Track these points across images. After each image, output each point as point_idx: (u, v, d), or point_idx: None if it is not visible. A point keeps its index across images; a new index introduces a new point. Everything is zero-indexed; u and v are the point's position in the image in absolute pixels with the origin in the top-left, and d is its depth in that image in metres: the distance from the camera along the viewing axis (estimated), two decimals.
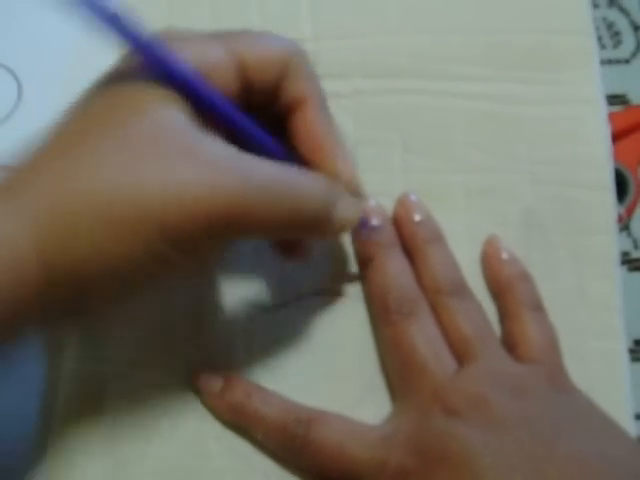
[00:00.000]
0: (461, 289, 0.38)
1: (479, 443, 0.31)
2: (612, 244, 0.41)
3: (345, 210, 0.33)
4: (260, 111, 0.32)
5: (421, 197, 0.40)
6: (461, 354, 0.36)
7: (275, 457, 0.36)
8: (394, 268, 0.38)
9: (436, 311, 0.37)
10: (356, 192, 0.34)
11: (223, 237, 0.30)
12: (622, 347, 0.39)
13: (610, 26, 0.50)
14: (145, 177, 0.27)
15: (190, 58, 0.29)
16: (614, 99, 0.47)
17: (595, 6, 0.49)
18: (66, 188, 0.27)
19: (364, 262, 0.39)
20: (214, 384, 0.37)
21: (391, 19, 0.45)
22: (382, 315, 0.37)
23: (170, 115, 0.28)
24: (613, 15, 0.50)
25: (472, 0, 0.45)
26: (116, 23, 0.28)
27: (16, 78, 0.46)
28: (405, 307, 0.36)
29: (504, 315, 0.39)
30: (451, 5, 0.45)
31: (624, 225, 0.45)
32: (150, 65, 0.29)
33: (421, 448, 0.32)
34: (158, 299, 0.39)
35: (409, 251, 0.39)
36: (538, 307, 0.38)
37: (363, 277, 0.39)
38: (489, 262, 0.40)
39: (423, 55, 0.44)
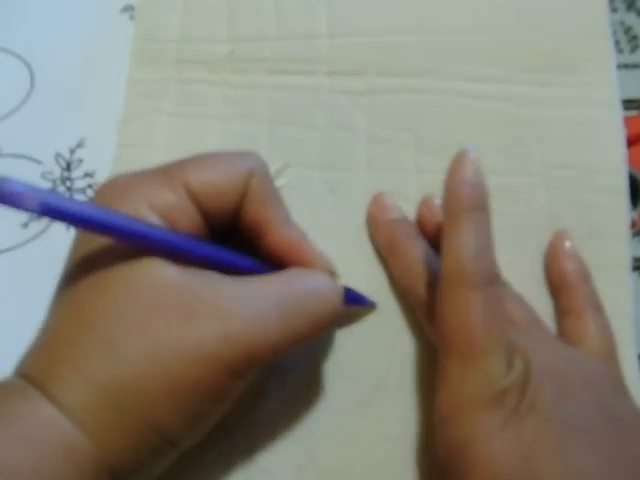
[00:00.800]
0: (502, 281, 0.38)
1: (559, 409, 0.31)
2: (624, 250, 0.40)
3: (342, 295, 0.33)
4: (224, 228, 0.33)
5: (434, 196, 0.40)
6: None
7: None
8: (425, 256, 0.37)
9: None
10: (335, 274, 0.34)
11: (252, 370, 0.30)
12: (633, 352, 0.38)
13: (628, 30, 0.49)
14: (159, 348, 0.27)
15: (141, 208, 0.29)
16: (630, 103, 0.47)
17: (613, 10, 0.48)
18: (93, 380, 0.27)
19: (390, 254, 0.39)
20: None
21: (407, 18, 0.45)
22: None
23: (161, 271, 0.28)
24: (631, 19, 0.49)
25: (489, 1, 0.45)
26: (54, 210, 0.26)
27: (29, 68, 0.46)
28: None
29: (566, 312, 0.38)
30: (468, 5, 0.45)
31: (636, 231, 0.44)
32: (115, 237, 0.28)
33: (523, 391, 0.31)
34: None
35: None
36: (600, 307, 0.38)
37: (389, 270, 0.40)
38: (555, 256, 0.40)
39: (438, 55, 0.44)
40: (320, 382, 0.37)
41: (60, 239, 0.41)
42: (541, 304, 0.39)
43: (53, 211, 0.26)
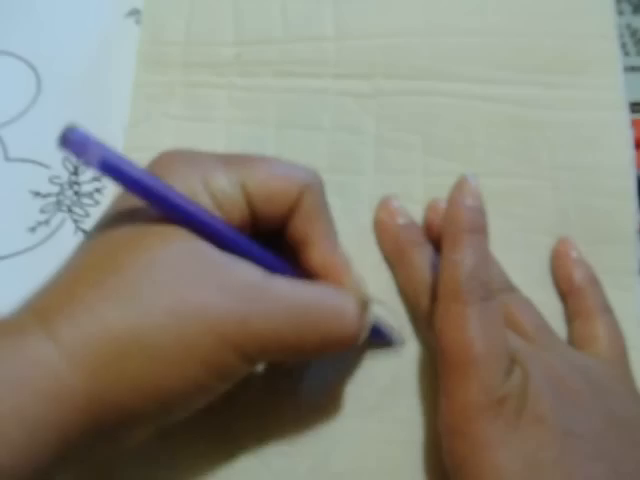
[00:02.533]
0: (511, 285, 0.38)
1: (561, 415, 0.31)
2: (632, 253, 0.40)
3: (366, 325, 0.33)
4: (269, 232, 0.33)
5: (441, 200, 0.40)
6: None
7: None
8: (431, 263, 0.37)
9: None
10: (367, 305, 0.33)
11: (260, 361, 0.30)
12: None
13: (634, 33, 0.49)
14: (184, 313, 0.27)
15: (196, 187, 0.30)
16: (636, 106, 0.46)
17: (619, 13, 0.48)
18: (110, 327, 0.26)
19: (395, 260, 0.39)
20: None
21: (414, 20, 0.45)
22: (428, 305, 0.36)
23: (197, 243, 0.29)
24: (637, 22, 0.49)
25: (496, 3, 0.45)
26: (113, 169, 0.27)
27: (35, 72, 0.46)
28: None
29: (576, 315, 0.39)
30: (475, 7, 0.45)
31: None
32: (162, 210, 0.29)
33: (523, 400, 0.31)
34: None
35: None
36: (610, 310, 0.38)
37: (395, 276, 0.40)
38: (561, 261, 0.40)
39: (446, 57, 0.44)
40: (331, 386, 0.37)
41: (67, 244, 0.41)
42: (550, 306, 0.39)
43: (110, 170, 0.27)
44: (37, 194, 0.42)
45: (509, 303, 0.37)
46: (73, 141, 0.27)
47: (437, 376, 0.36)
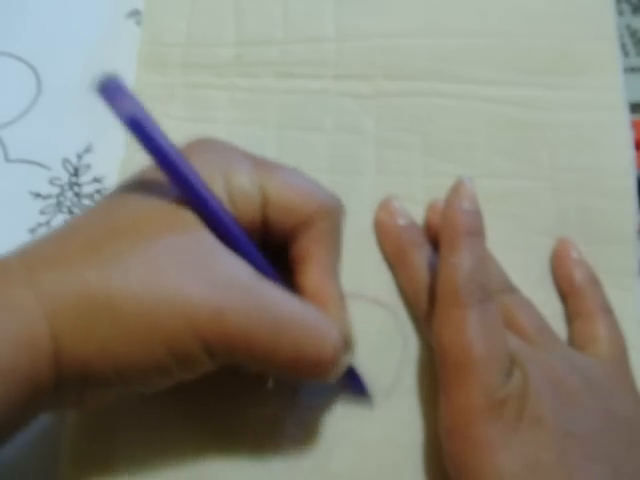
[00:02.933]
0: (511, 286, 0.38)
1: (561, 416, 0.31)
2: (632, 254, 0.40)
3: (342, 363, 0.32)
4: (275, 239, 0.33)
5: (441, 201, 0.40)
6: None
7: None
8: (432, 265, 0.37)
9: None
10: (350, 344, 0.33)
11: (224, 360, 0.29)
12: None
13: (634, 34, 0.49)
14: (162, 292, 0.27)
15: (215, 176, 0.30)
16: (636, 107, 0.46)
17: (619, 14, 0.49)
18: (90, 286, 0.27)
19: (396, 261, 0.39)
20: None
21: (415, 21, 0.45)
22: (428, 307, 0.36)
23: (200, 234, 0.29)
24: (637, 23, 0.50)
25: (496, 4, 0.45)
26: (139, 127, 0.28)
27: (35, 72, 0.46)
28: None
29: (575, 315, 0.39)
30: (475, 9, 0.45)
31: None
32: (174, 183, 0.29)
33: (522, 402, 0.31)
34: None
35: None
36: (610, 310, 0.38)
37: (396, 278, 0.40)
38: (561, 262, 0.40)
39: (446, 58, 0.44)
40: (331, 386, 0.37)
41: None
42: (550, 307, 0.39)
43: (136, 127, 0.28)
44: (37, 195, 0.42)
45: (509, 304, 0.37)
46: (109, 88, 0.27)
47: (437, 377, 0.36)
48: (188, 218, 0.29)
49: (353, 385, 0.36)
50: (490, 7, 0.45)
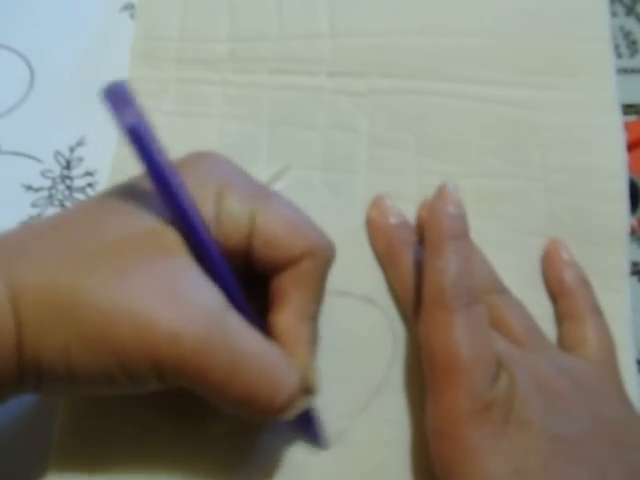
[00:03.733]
0: (502, 287, 0.38)
1: (547, 420, 0.31)
2: (622, 256, 0.40)
3: (297, 407, 0.31)
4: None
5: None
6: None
7: None
8: (419, 262, 0.37)
9: None
10: (310, 390, 0.32)
11: (175, 384, 0.29)
12: (631, 358, 0.39)
13: (627, 35, 0.49)
14: (124, 307, 0.27)
15: (207, 196, 0.30)
16: (629, 108, 0.47)
17: (613, 15, 0.49)
18: (58, 284, 0.27)
19: (386, 260, 0.39)
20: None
21: (410, 19, 0.45)
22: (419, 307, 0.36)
23: (177, 259, 0.29)
24: (630, 24, 0.50)
25: (490, 4, 0.45)
26: (137, 137, 0.28)
27: (28, 64, 0.46)
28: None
29: (565, 316, 0.39)
30: (469, 8, 0.45)
31: (636, 236, 0.44)
32: (162, 199, 0.29)
33: (508, 405, 0.31)
34: None
35: None
36: (599, 312, 0.38)
37: (386, 277, 0.40)
38: (551, 263, 0.40)
39: (440, 57, 0.44)
40: (320, 385, 0.37)
41: None
42: (541, 308, 0.39)
43: (134, 139, 0.28)
44: (29, 188, 0.42)
45: (499, 305, 0.37)
46: (114, 94, 0.27)
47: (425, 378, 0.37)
48: (170, 239, 0.29)
49: (307, 428, 0.36)
50: (485, 7, 0.45)
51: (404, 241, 0.39)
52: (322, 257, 0.32)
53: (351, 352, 0.38)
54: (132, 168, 0.41)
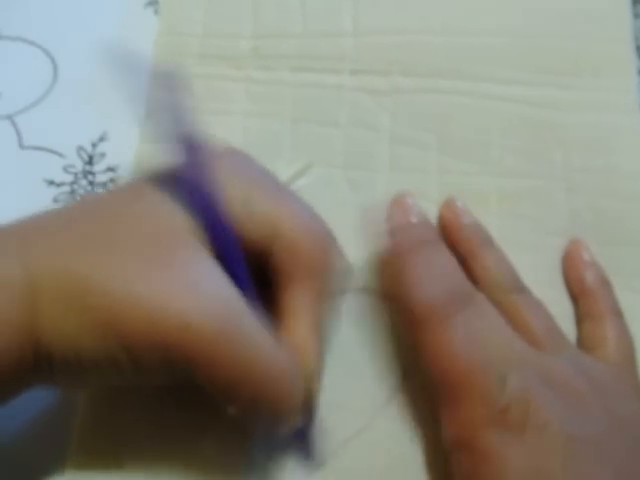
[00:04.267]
0: (522, 286, 0.38)
1: (565, 420, 0.31)
2: None
3: (297, 417, 0.31)
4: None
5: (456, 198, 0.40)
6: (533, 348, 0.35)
7: None
8: (441, 261, 0.37)
9: (501, 309, 0.36)
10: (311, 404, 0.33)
11: (182, 374, 0.29)
12: None
13: None
14: (135, 292, 0.27)
15: (237, 195, 0.30)
16: None
17: (635, 16, 0.48)
18: (72, 272, 0.27)
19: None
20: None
21: (432, 18, 0.45)
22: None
23: (197, 254, 0.29)
24: None
25: (513, 3, 0.45)
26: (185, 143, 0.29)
27: (52, 59, 0.46)
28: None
29: (585, 317, 0.39)
30: (492, 7, 0.45)
31: None
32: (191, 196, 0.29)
33: (526, 407, 0.31)
34: None
35: (461, 255, 0.38)
36: (620, 313, 0.38)
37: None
38: (572, 262, 0.40)
39: (462, 56, 0.44)
40: (341, 383, 0.37)
41: None
42: (561, 307, 0.39)
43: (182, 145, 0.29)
44: (51, 183, 0.42)
45: (519, 304, 0.37)
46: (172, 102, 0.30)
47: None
48: (189, 233, 0.29)
49: (303, 445, 0.35)
50: (508, 7, 0.45)
51: (423, 239, 0.39)
52: (338, 270, 0.33)
53: (371, 349, 0.38)
54: (153, 164, 0.42)
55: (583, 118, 0.43)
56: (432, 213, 0.41)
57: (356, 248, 0.39)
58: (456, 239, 0.39)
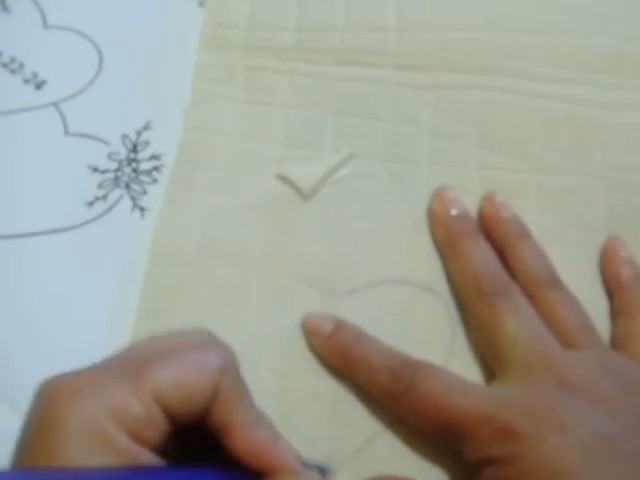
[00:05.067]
0: (558, 281, 0.38)
1: (597, 420, 0.31)
2: None
3: None
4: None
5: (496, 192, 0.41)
6: (565, 344, 0.35)
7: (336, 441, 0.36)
8: (481, 253, 0.38)
9: (535, 303, 0.37)
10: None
11: None
12: None
13: None
14: None
15: (105, 425, 0.26)
16: None
17: None
18: None
19: (446, 251, 0.40)
20: (325, 326, 0.37)
21: (476, 15, 0.46)
22: (476, 298, 0.37)
23: None
24: None
25: (557, 1, 0.46)
26: None
27: (97, 47, 0.46)
28: (500, 289, 0.37)
29: (620, 313, 0.39)
30: (536, 5, 0.46)
31: None
32: None
33: (534, 412, 0.31)
34: None
35: (499, 248, 0.39)
36: None
37: (445, 266, 0.40)
38: (610, 259, 0.40)
39: (505, 53, 0.45)
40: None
41: (123, 220, 0.41)
42: (597, 304, 0.39)
43: None
44: (95, 169, 0.43)
45: (553, 299, 0.37)
46: None
47: (485, 365, 0.37)
48: None
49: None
50: (550, 4, 0.46)
51: (465, 232, 0.40)
52: (231, 365, 0.30)
53: (410, 340, 0.38)
54: (196, 152, 0.43)
55: (624, 117, 0.43)
56: (472, 207, 0.41)
57: (394, 240, 0.40)
58: (494, 232, 0.40)
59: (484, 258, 0.38)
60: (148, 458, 0.26)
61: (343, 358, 0.37)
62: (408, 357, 0.36)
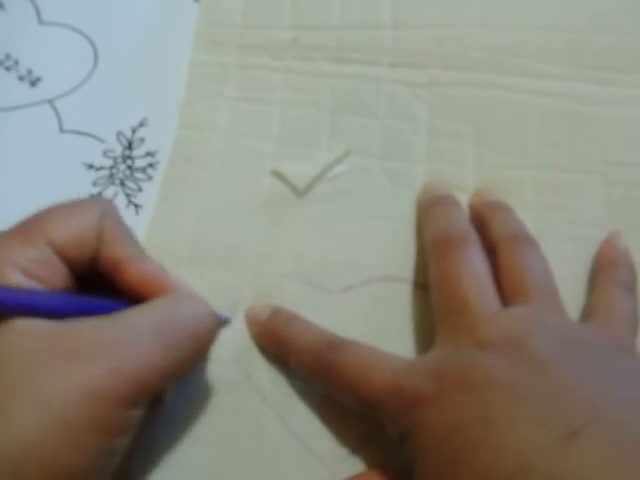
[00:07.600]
0: (531, 240, 0.38)
1: (499, 372, 0.30)
2: None
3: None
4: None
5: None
6: (512, 297, 0.34)
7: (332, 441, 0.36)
8: (448, 211, 0.39)
9: (499, 257, 0.36)
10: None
11: (147, 396, 0.29)
12: None
13: None
14: (50, 392, 0.27)
15: (3, 269, 0.29)
16: None
17: None
18: None
19: (422, 219, 0.41)
20: (262, 313, 0.38)
21: (471, 11, 0.46)
22: (432, 251, 0.37)
23: (25, 327, 0.28)
24: None
25: None
26: None
27: (92, 44, 0.46)
28: (454, 237, 0.36)
29: (593, 288, 0.38)
30: (531, 2, 0.46)
31: None
32: None
33: (440, 375, 0.31)
34: None
35: (480, 220, 0.40)
36: (630, 291, 0.37)
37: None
38: (604, 246, 0.40)
39: (501, 50, 0.44)
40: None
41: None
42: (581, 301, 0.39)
43: None
44: (90, 167, 0.43)
45: (520, 256, 0.36)
46: None
47: None
48: (10, 323, 0.28)
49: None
50: (546, 1, 0.46)
51: (440, 200, 0.41)
52: (111, 210, 0.33)
53: (405, 337, 0.38)
54: (191, 150, 0.43)
55: (620, 113, 0.43)
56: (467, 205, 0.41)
57: (390, 237, 0.40)
58: (479, 210, 0.40)
59: (449, 215, 0.39)
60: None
61: (276, 343, 0.38)
62: (334, 337, 0.36)
